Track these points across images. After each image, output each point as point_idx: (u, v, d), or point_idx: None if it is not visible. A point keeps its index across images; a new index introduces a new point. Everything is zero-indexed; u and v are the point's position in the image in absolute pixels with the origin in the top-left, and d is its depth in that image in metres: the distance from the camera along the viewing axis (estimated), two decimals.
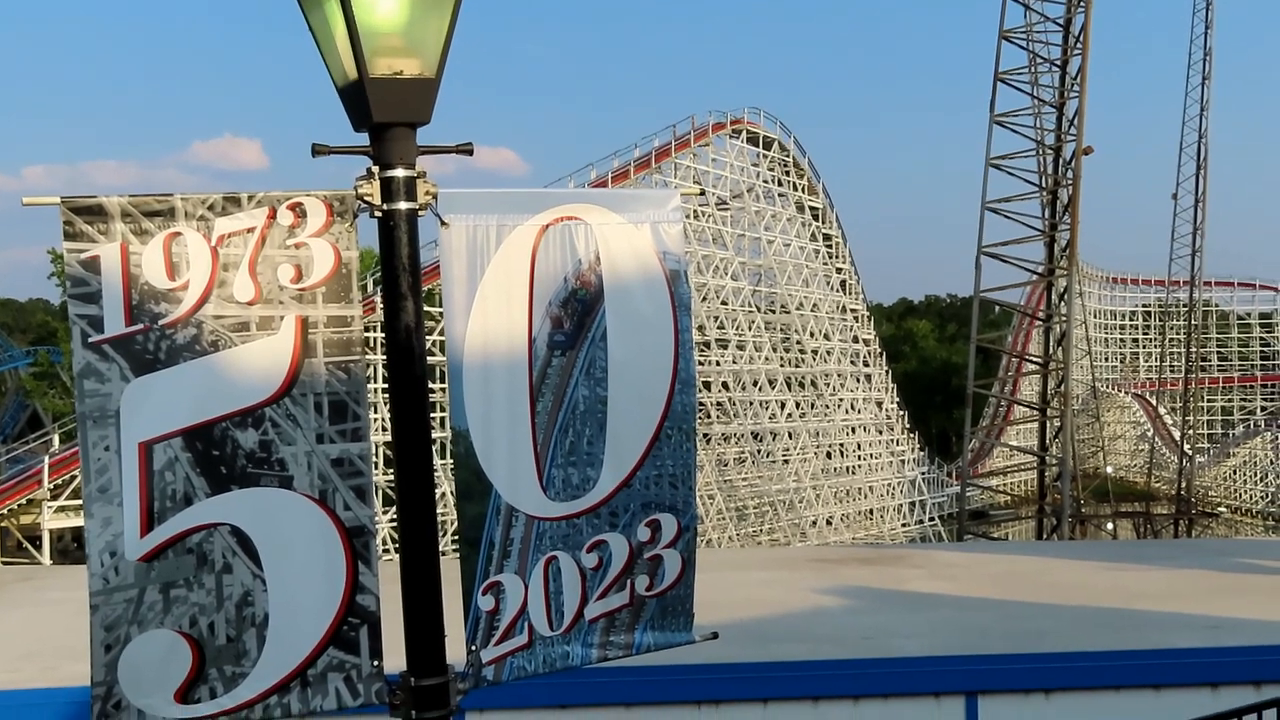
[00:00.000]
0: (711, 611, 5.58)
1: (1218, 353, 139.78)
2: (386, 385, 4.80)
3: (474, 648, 4.84)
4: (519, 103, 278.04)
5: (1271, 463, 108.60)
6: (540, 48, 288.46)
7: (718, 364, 71.24)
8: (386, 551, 37.19)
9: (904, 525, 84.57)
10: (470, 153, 4.70)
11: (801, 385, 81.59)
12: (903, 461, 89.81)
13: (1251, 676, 11.32)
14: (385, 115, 4.50)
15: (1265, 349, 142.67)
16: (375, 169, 4.57)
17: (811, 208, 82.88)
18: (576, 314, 4.93)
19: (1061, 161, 54.44)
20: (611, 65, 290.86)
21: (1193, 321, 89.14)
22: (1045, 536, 56.37)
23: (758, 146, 78.28)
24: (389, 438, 4.73)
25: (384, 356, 4.68)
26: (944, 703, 11.43)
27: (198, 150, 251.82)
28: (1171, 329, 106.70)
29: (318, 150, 4.55)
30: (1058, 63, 54.34)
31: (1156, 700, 11.20)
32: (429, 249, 4.61)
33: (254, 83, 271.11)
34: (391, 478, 4.82)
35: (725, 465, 73.84)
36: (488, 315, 4.79)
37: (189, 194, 4.49)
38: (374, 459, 4.83)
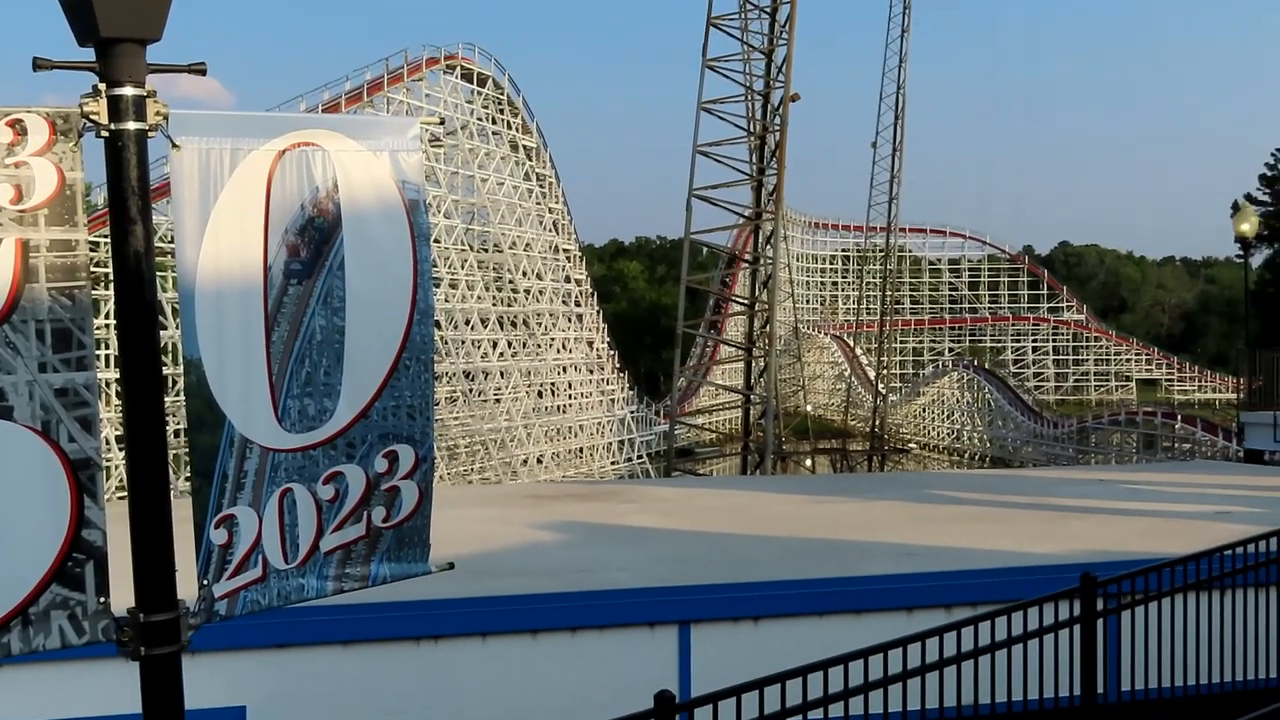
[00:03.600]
0: (434, 548, 5.61)
1: (910, 296, 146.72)
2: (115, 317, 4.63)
3: (205, 582, 4.74)
4: (224, 28, 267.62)
5: (957, 401, 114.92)
6: None
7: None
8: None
9: (613, 463, 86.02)
10: (203, 72, 4.54)
11: (513, 325, 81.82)
12: (613, 400, 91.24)
13: (943, 600, 12.04)
14: (113, 30, 4.31)
15: (953, 293, 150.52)
16: (102, 86, 4.38)
17: (525, 147, 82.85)
18: (314, 242, 4.84)
19: (770, 108, 55.90)
20: None
21: (888, 266, 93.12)
22: (750, 472, 58.21)
23: (472, 83, 77.63)
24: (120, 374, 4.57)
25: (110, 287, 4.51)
26: (658, 632, 11.75)
27: None
28: (868, 273, 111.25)
29: (39, 64, 4.33)
30: (767, 10, 55.60)
31: (858, 624, 11.80)
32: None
33: None
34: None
35: (437, 404, 73.30)
36: (220, 242, 4.65)
37: None
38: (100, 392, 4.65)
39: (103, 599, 4.50)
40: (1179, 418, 78.31)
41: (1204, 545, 10.07)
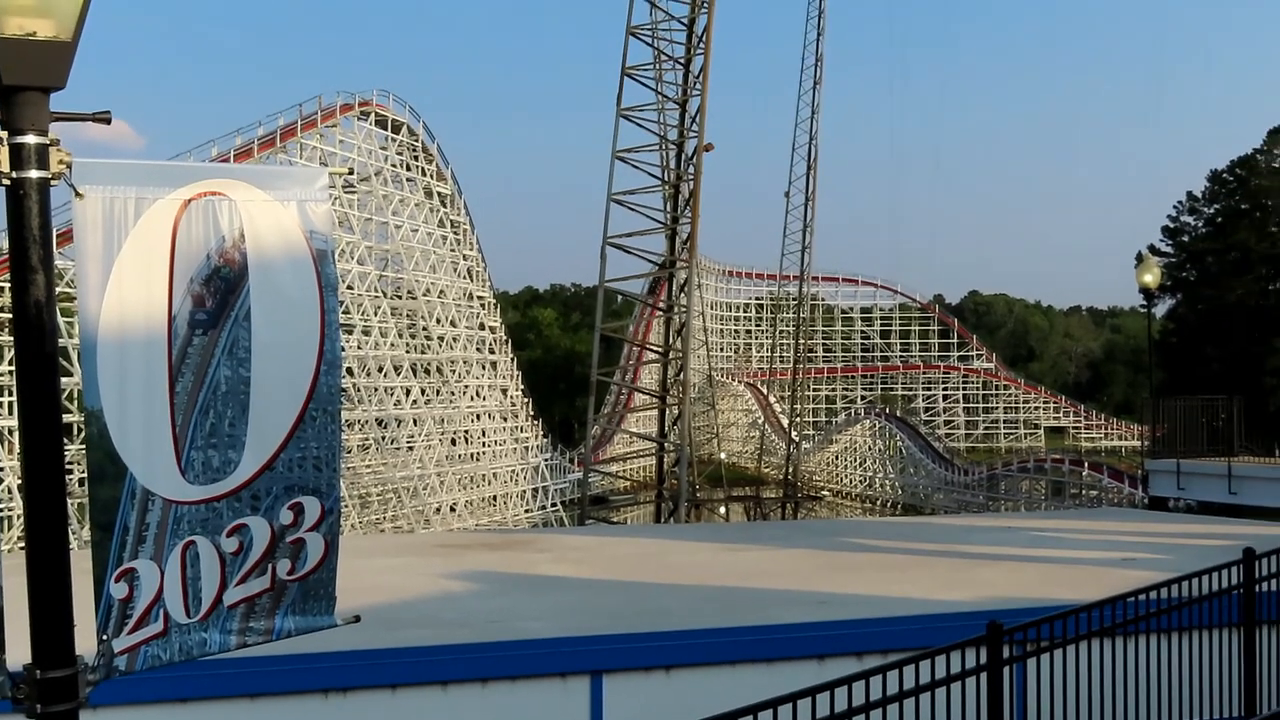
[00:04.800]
0: (341, 599, 5.56)
1: (823, 344, 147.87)
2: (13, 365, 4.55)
3: (105, 637, 4.66)
4: (130, 72, 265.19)
5: (870, 448, 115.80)
6: (157, 18, 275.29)
7: (343, 349, 70.10)
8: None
9: (527, 511, 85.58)
10: (108, 121, 4.51)
11: (427, 371, 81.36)
12: (527, 448, 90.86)
13: (854, 648, 12.10)
14: (16, 78, 4.27)
15: (865, 341, 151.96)
16: (4, 135, 4.33)
17: (439, 193, 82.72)
18: (219, 292, 4.81)
19: (684, 157, 56.24)
20: (236, 37, 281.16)
21: (801, 314, 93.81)
22: (664, 520, 58.16)
23: (386, 130, 77.48)
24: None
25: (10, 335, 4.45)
26: (570, 682, 11.69)
27: None
28: (782, 321, 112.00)
29: None
30: (681, 61, 56.04)
31: (769, 673, 11.81)
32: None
33: None
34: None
35: (348, 452, 72.73)
36: (124, 291, 4.61)
37: None
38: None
39: None
40: (1086, 465, 79.54)
41: (1110, 591, 10.22)
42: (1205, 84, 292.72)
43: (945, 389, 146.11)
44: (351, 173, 65.81)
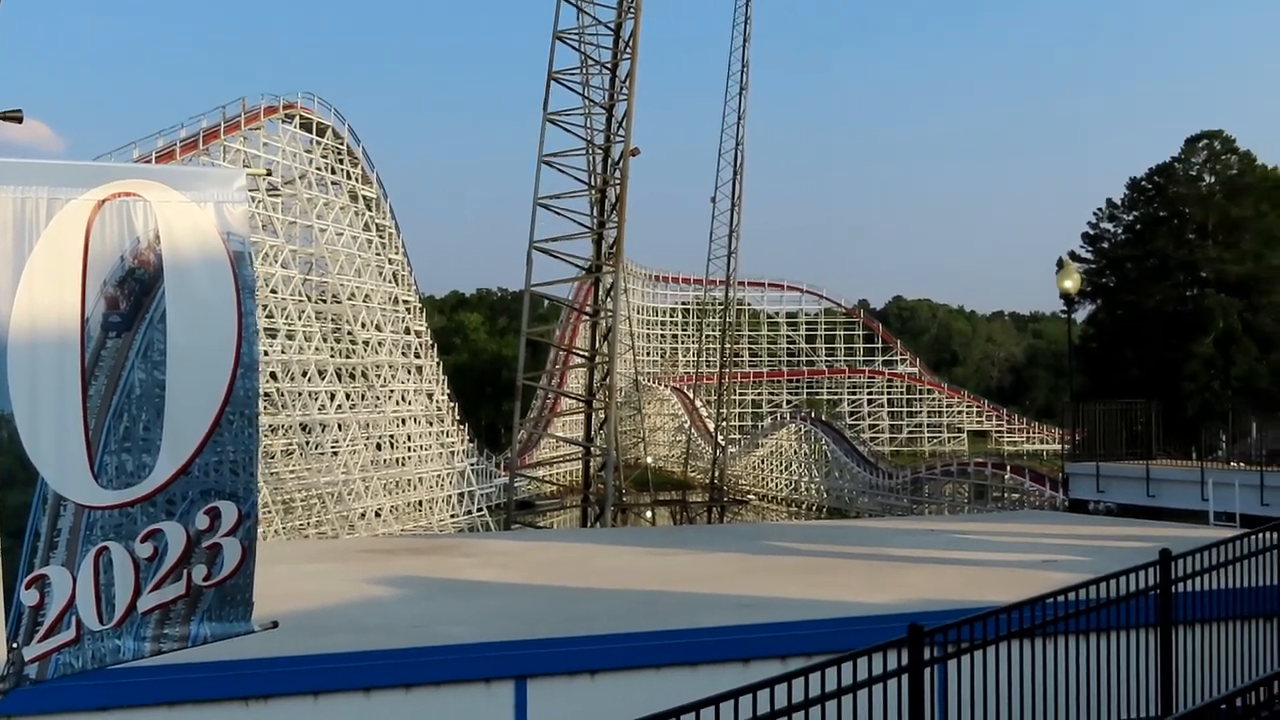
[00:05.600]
0: (265, 604, 5.50)
1: (749, 349, 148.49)
2: None
3: (15, 645, 4.57)
4: (58, 73, 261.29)
5: (795, 452, 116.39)
6: (81, 17, 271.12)
7: (265, 354, 69.41)
8: None
9: (453, 516, 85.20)
10: (19, 120, 4.43)
11: (352, 376, 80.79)
12: (452, 453, 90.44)
13: (778, 651, 12.15)
14: None
15: (791, 346, 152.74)
16: None
17: (365, 197, 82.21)
18: (134, 294, 4.74)
19: (610, 162, 56.25)
20: (160, 38, 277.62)
21: (727, 319, 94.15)
22: (590, 525, 58.11)
23: (311, 133, 76.90)
24: None
25: None
26: (494, 688, 11.65)
27: None
28: (708, 326, 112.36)
29: None
30: (608, 65, 56.08)
31: (693, 676, 11.83)
32: None
33: None
34: None
35: (272, 458, 72.09)
36: (36, 293, 4.53)
37: None
38: None
39: None
40: (1008, 468, 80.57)
41: (1030, 593, 10.33)
42: (1127, 91, 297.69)
43: (870, 393, 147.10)
44: (269, 174, 65.19)
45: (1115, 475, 30.08)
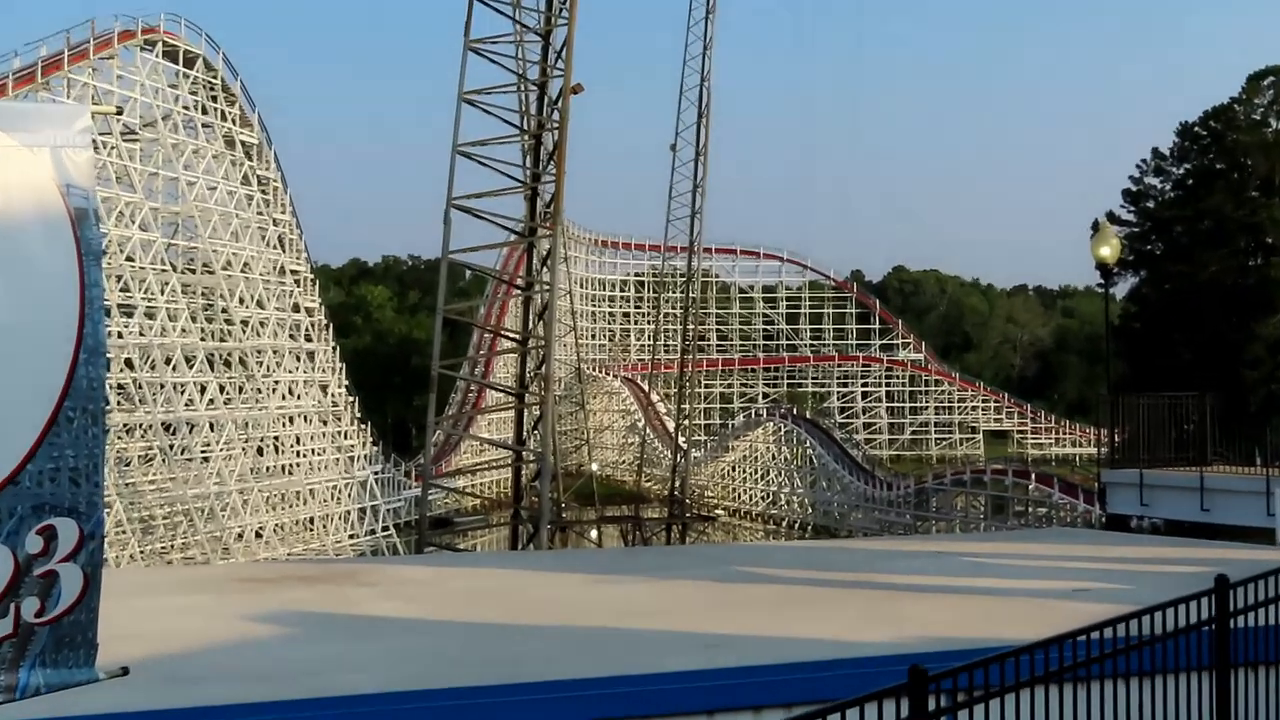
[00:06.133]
0: (115, 647, 5.44)
1: (717, 330, 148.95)
2: None
3: None
4: None
5: (773, 458, 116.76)
6: None
7: (120, 336, 68.98)
8: None
9: (352, 537, 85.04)
10: None
11: (228, 364, 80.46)
12: (351, 458, 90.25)
13: (750, 700, 12.18)
14: None
15: (769, 327, 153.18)
16: None
17: (244, 143, 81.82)
18: None
19: (547, 101, 56.09)
20: None
21: (691, 294, 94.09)
22: (522, 546, 58.09)
23: (178, 64, 76.41)
24: None
25: None
26: None
27: None
28: (667, 302, 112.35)
29: None
30: None
31: None
32: None
33: None
34: None
35: (127, 465, 71.74)
36: None
37: None
38: None
39: None
40: (1033, 477, 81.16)
41: (1057, 629, 10.38)
42: (1176, 24, 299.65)
43: (865, 385, 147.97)
44: (121, 112, 64.76)
45: (1162, 485, 30.28)
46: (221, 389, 78.44)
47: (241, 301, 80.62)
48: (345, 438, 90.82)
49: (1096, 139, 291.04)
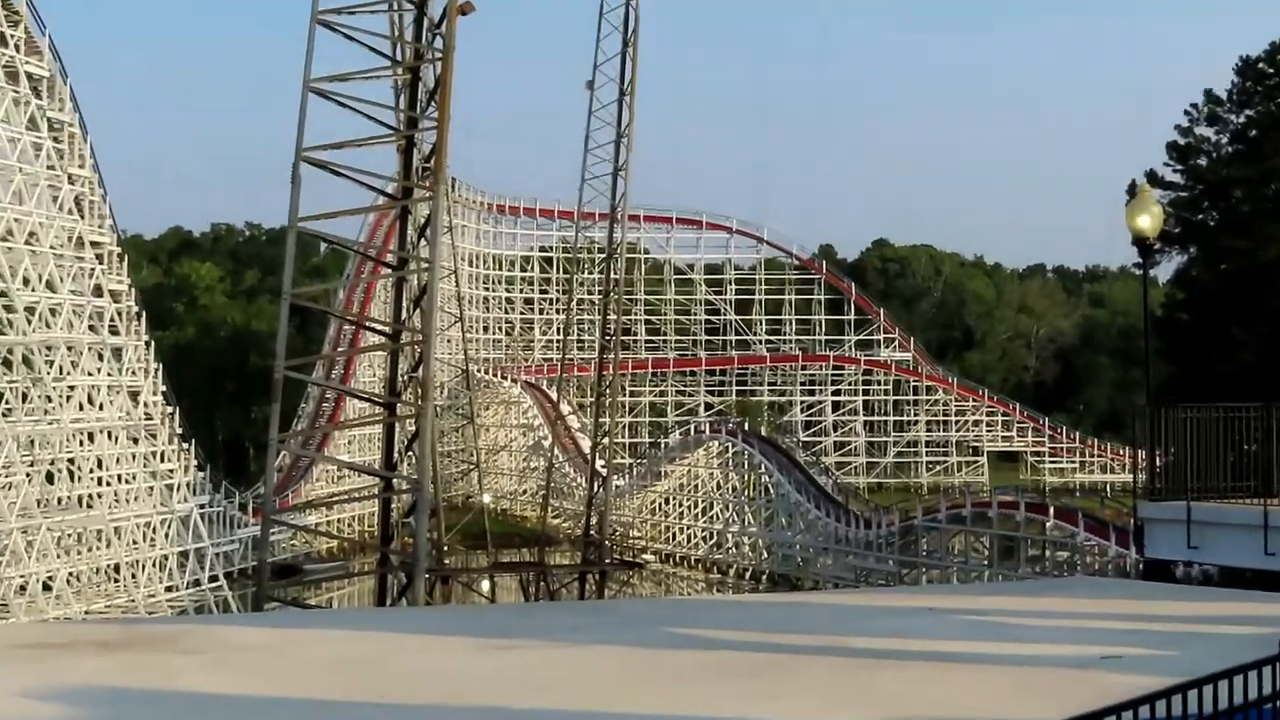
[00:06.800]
0: None
1: (647, 322, 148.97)
2: None
3: None
4: None
5: (718, 487, 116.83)
6: None
7: None
8: None
9: (171, 589, 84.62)
10: None
11: (7, 365, 79.92)
12: (170, 487, 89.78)
13: None
14: None
15: (714, 318, 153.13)
16: None
17: (31, 75, 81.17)
18: None
19: (427, 24, 55.99)
20: None
21: (613, 274, 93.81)
22: (391, 601, 58.01)
23: None
24: None
25: None
26: None
27: None
28: (582, 285, 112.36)
29: None
30: None
31: None
32: None
33: None
34: None
35: None
36: None
37: None
38: None
39: None
40: (1051, 512, 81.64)
41: (1081, 707, 10.45)
42: None
43: (837, 393, 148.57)
44: None
45: (1215, 522, 30.47)
46: (0, 397, 77.91)
47: (26, 283, 79.90)
48: (162, 460, 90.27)
49: (1131, 83, 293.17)
